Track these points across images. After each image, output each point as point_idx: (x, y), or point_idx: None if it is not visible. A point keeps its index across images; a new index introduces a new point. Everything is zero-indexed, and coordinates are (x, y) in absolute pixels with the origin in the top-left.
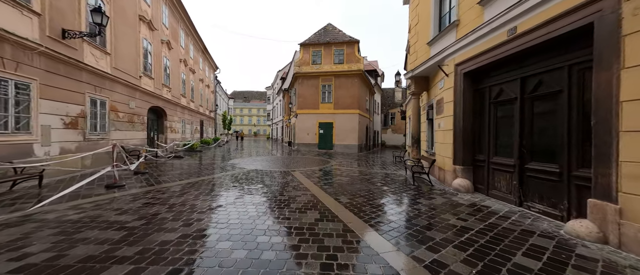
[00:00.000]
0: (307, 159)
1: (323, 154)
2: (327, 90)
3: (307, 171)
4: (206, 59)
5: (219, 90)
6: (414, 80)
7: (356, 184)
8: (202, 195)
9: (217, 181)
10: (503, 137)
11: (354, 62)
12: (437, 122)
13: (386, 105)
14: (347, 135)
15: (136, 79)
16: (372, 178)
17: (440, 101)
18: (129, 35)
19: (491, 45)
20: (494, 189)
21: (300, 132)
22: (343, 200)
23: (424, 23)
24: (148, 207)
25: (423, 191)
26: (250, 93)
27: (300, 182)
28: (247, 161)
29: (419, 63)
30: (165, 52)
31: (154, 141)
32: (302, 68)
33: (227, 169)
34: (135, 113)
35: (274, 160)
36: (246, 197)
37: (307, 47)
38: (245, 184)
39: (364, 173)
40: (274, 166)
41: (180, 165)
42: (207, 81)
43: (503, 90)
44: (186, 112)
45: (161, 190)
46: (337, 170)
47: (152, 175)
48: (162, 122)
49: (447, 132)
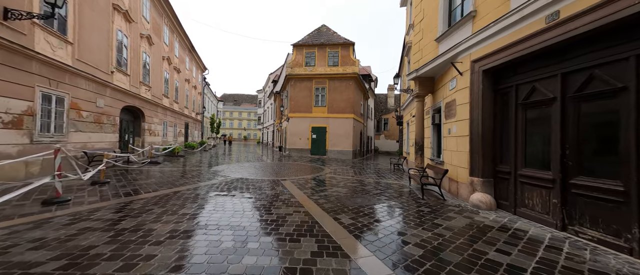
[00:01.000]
0: (299, 166)
1: (316, 160)
2: (321, 93)
3: (299, 180)
4: (193, 58)
5: (208, 92)
6: (418, 81)
7: (357, 197)
8: (167, 214)
9: (192, 194)
10: (535, 145)
11: (349, 65)
12: (447, 127)
13: (379, 110)
14: (341, 140)
15: (107, 75)
16: (373, 189)
17: (450, 103)
18: (99, 24)
19: (521, 36)
20: (523, 207)
21: (292, 136)
22: (344, 220)
23: (431, 18)
24: (83, 235)
25: (436, 208)
26: (241, 96)
27: (292, 194)
28: (232, 168)
29: (425, 62)
30: (145, 48)
31: (129, 145)
32: (294, 70)
33: (208, 177)
34: (105, 113)
35: (262, 167)
36: (224, 218)
37: (300, 48)
38: (226, 197)
39: (363, 183)
40: (263, 174)
41: (154, 173)
42: (194, 82)
43: (536, 89)
44: (169, 113)
45: (115, 208)
46: (332, 180)
47: (114, 186)
48: (139, 123)
49: (461, 139)
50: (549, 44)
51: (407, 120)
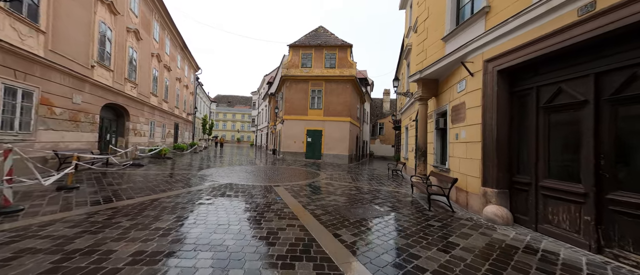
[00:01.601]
0: (294, 171)
1: (311, 164)
2: (317, 95)
3: (293, 187)
4: (186, 57)
5: (200, 93)
6: (422, 83)
7: (357, 208)
8: (136, 229)
9: (172, 203)
10: (561, 154)
11: (346, 67)
12: (454, 132)
13: (374, 115)
14: (337, 144)
15: (86, 69)
16: (373, 198)
17: (458, 107)
18: (78, 14)
19: (545, 32)
20: (547, 223)
21: (287, 139)
22: (346, 237)
23: (437, 16)
24: (18, 260)
25: (447, 221)
26: (235, 98)
27: (285, 203)
28: (222, 172)
29: (429, 63)
30: (132, 43)
31: (112, 145)
32: (290, 71)
33: (194, 182)
34: (82, 110)
35: (255, 171)
36: (204, 234)
37: (296, 49)
38: (210, 207)
39: (362, 190)
40: (254, 179)
41: (134, 177)
42: (186, 81)
43: (562, 91)
44: (157, 113)
45: (75, 221)
46: (329, 186)
47: (83, 193)
48: (123, 123)
49: (472, 145)
50: (581, 40)
51: (405, 124)
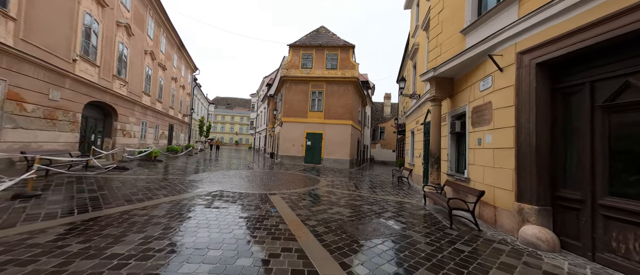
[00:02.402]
0: (292, 176)
1: (310, 169)
2: (318, 97)
3: (291, 196)
4: (183, 57)
5: (198, 94)
6: (435, 82)
7: (366, 224)
8: (82, 258)
9: (145, 217)
10: (630, 166)
11: (348, 68)
12: (475, 136)
13: (375, 119)
14: (338, 148)
15: (66, 63)
16: (382, 210)
17: (482, 108)
18: (58, 3)
19: (609, 12)
20: (609, 252)
21: (285, 142)
22: (358, 269)
23: (454, 8)
24: None
25: (477, 244)
26: (234, 100)
27: (281, 216)
28: (214, 177)
29: (445, 59)
30: (122, 38)
31: (95, 147)
32: (290, 71)
33: (180, 189)
34: (60, 107)
35: (250, 177)
36: (172, 266)
37: (297, 48)
38: (190, 223)
39: (368, 200)
40: (249, 186)
41: (112, 183)
42: (183, 81)
43: (631, 85)
44: (149, 113)
45: (8, 243)
46: (331, 195)
47: (42, 202)
48: (110, 122)
49: (501, 152)
50: None
51: (411, 128)
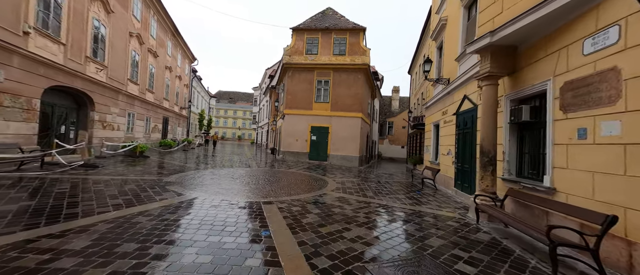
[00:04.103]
0: (294, 177)
1: (315, 167)
2: (324, 87)
3: (291, 206)
4: (179, 45)
5: (197, 86)
6: (491, 53)
7: (410, 265)
8: None
9: (49, 254)
10: None
11: (358, 54)
12: (570, 126)
13: (383, 113)
14: (346, 144)
15: (14, 35)
16: (422, 233)
17: (586, 81)
18: None
19: None
20: None
21: (288, 137)
22: None
23: None
24: None
25: None
26: (237, 94)
27: (275, 249)
28: (201, 179)
29: (514, 15)
30: (97, 14)
31: (73, 140)
32: (293, 58)
33: (146, 197)
34: (7, 90)
35: (244, 177)
36: None
37: (301, 32)
38: (120, 265)
39: (394, 213)
40: (239, 190)
41: (58, 187)
42: (179, 72)
43: None
44: (138, 104)
45: None
46: (344, 205)
47: None
48: (86, 113)
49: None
50: None
51: (434, 121)
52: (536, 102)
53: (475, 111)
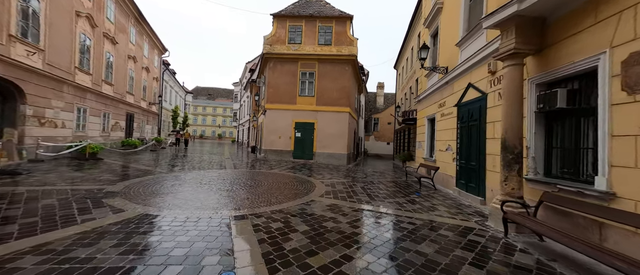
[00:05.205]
0: (275, 179)
1: (301, 167)
2: (308, 79)
3: (269, 222)
4: (145, 32)
5: (170, 80)
6: (515, 26)
7: None
8: None
9: None
10: None
11: (345, 45)
12: (635, 109)
13: (368, 110)
14: (333, 140)
15: None
16: (444, 256)
17: None
18: None
19: None
20: None
21: (270, 134)
22: None
23: None
24: None
25: None
26: (217, 90)
27: None
28: (159, 186)
29: None
30: None
31: None
32: (274, 47)
33: (74, 215)
34: None
35: (215, 182)
36: None
37: (282, 19)
38: None
39: (401, 225)
40: (204, 202)
41: None
42: (146, 63)
43: None
44: (91, 97)
45: None
46: (338, 216)
47: None
48: (13, 106)
49: None
50: None
51: (428, 114)
52: (573, 84)
53: (484, 100)
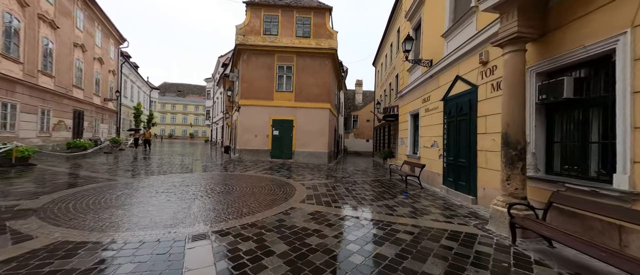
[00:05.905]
0: (251, 183)
1: (279, 167)
2: (286, 73)
3: (238, 240)
4: (96, 18)
5: (130, 74)
6: (517, 7)
7: None
8: None
9: None
10: None
11: (324, 37)
12: None
13: (347, 107)
14: (313, 138)
15: None
16: None
17: None
18: None
19: None
20: None
21: (245, 132)
22: None
23: None
24: None
25: None
26: (187, 87)
27: None
28: (98, 197)
29: None
30: None
31: None
32: (248, 38)
33: None
34: None
35: (176, 190)
36: None
37: (257, 8)
38: None
39: (396, 236)
40: (156, 217)
41: None
42: (100, 53)
43: None
44: (23, 90)
45: None
46: (322, 229)
47: None
48: None
49: None
50: None
51: (411, 110)
52: (580, 72)
53: (475, 93)
